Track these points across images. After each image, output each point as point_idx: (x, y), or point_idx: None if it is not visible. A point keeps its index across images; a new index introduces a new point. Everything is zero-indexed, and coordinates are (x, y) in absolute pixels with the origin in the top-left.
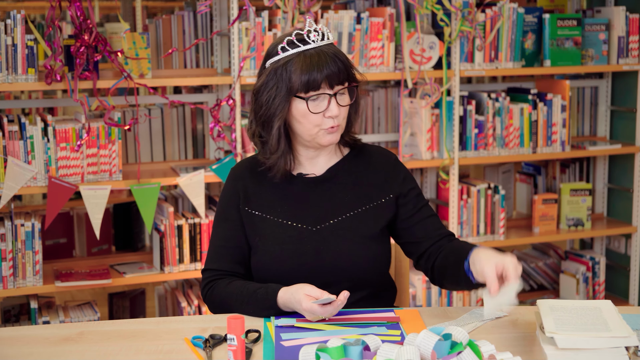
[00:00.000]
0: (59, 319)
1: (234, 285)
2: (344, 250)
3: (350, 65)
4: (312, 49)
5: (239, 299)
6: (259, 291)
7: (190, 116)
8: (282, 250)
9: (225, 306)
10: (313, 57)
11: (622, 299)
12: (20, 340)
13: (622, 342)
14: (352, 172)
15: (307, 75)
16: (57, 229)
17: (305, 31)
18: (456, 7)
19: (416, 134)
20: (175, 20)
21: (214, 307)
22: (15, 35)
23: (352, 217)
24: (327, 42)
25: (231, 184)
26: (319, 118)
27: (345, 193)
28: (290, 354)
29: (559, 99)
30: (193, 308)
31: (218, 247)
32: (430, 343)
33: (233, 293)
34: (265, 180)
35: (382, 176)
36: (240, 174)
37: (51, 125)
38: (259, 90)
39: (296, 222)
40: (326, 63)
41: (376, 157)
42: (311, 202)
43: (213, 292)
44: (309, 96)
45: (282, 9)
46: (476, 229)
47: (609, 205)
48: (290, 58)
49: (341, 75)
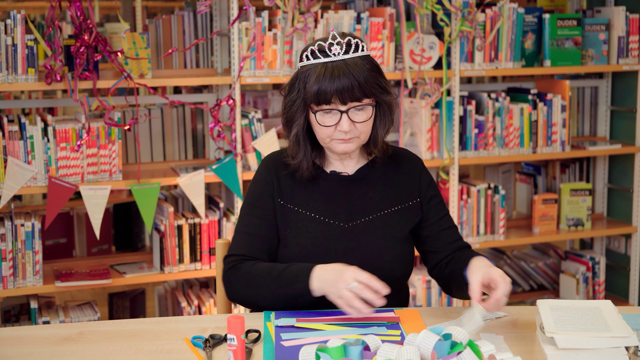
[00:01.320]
0: (59, 319)
1: (262, 264)
2: (373, 249)
3: (371, 81)
4: (332, 61)
5: (269, 273)
6: (291, 266)
7: (190, 116)
8: (314, 245)
9: (252, 283)
10: (327, 71)
11: (622, 299)
12: (20, 340)
13: (622, 342)
14: (382, 172)
15: (318, 88)
16: (57, 229)
17: (327, 43)
18: (456, 7)
19: (416, 134)
20: (175, 20)
21: (237, 286)
22: (15, 35)
23: (383, 216)
24: (352, 56)
25: (265, 172)
26: (330, 130)
27: (376, 192)
28: (290, 354)
29: (559, 99)
30: (193, 308)
31: (245, 234)
32: (430, 343)
33: (262, 269)
34: (297, 175)
35: (409, 179)
36: (274, 164)
37: (51, 125)
38: (287, 91)
39: (328, 218)
40: (338, 78)
41: (405, 159)
42: (343, 199)
43: (239, 271)
44: (319, 109)
45: (282, 9)
46: (476, 229)
47: (609, 205)
48: (310, 67)
49: (355, 92)
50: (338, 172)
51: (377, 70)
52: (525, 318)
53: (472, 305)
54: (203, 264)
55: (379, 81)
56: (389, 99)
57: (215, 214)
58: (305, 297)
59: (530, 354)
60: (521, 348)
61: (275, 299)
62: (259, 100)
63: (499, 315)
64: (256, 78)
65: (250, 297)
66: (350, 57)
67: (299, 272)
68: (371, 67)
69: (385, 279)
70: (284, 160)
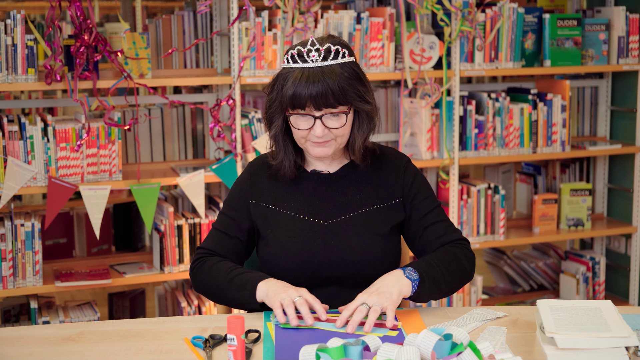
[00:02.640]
0: (59, 319)
1: (224, 264)
2: (353, 245)
3: (347, 90)
4: (309, 67)
5: (226, 275)
6: (246, 273)
7: (190, 116)
8: (294, 243)
9: (210, 280)
10: (303, 76)
11: (622, 299)
12: (20, 340)
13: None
14: (364, 171)
15: (293, 92)
16: (57, 229)
17: (306, 49)
18: (456, 7)
19: (416, 134)
20: (175, 20)
21: (198, 279)
22: (15, 35)
23: (363, 214)
24: (331, 63)
25: (247, 176)
26: (304, 133)
27: (357, 191)
28: (290, 354)
29: (559, 99)
30: (193, 308)
31: (218, 231)
32: (430, 343)
33: (222, 269)
34: (280, 175)
35: (392, 178)
36: (257, 168)
37: (51, 125)
38: (269, 90)
39: (308, 216)
40: (313, 84)
41: (389, 159)
42: (324, 197)
43: (203, 265)
44: (294, 113)
45: (282, 9)
46: (476, 229)
47: (609, 205)
48: (289, 70)
49: (329, 99)
50: (319, 171)
51: (356, 78)
52: (525, 318)
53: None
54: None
55: (357, 90)
56: (367, 107)
57: (215, 214)
58: (250, 304)
59: (530, 354)
60: (521, 348)
61: (226, 300)
62: (259, 100)
63: (499, 315)
64: (256, 78)
65: (209, 292)
66: (328, 64)
67: (249, 279)
68: (350, 75)
69: (369, 276)
70: (267, 161)
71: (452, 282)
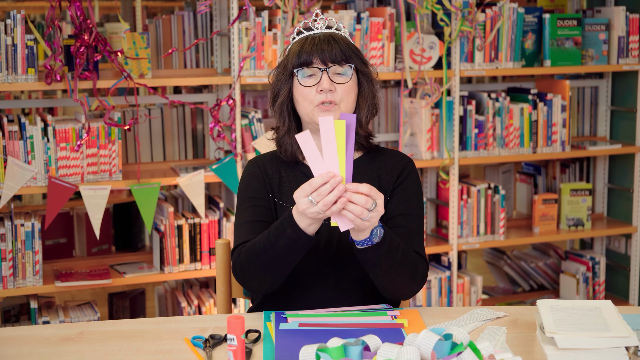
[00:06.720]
0: (59, 319)
1: (257, 237)
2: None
3: (352, 50)
4: (315, 33)
5: (262, 241)
6: (274, 223)
7: (190, 116)
8: None
9: (253, 257)
10: (309, 38)
11: (622, 299)
12: (20, 340)
13: (622, 342)
14: (363, 167)
15: (300, 48)
16: (57, 229)
17: (311, 20)
18: (456, 7)
19: (416, 134)
20: (175, 20)
21: (244, 268)
22: (15, 35)
23: None
24: (335, 31)
25: (255, 169)
26: (312, 93)
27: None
28: (290, 354)
29: (559, 99)
30: (193, 308)
31: (244, 223)
32: (431, 343)
33: (256, 241)
34: (282, 171)
35: (388, 176)
36: (262, 163)
37: (51, 125)
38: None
39: None
40: (319, 42)
41: (390, 158)
42: None
43: (240, 255)
44: (301, 69)
45: (282, 9)
46: (476, 229)
47: (609, 205)
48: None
49: (335, 53)
50: None
51: (358, 50)
52: (525, 318)
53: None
54: (203, 264)
55: (359, 57)
56: (368, 70)
57: (215, 214)
58: (301, 239)
59: (530, 354)
60: (521, 348)
61: (279, 254)
62: (259, 100)
63: (499, 315)
64: (256, 78)
65: (261, 267)
66: (333, 31)
67: (281, 222)
68: (353, 44)
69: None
70: (271, 159)
71: (399, 272)
